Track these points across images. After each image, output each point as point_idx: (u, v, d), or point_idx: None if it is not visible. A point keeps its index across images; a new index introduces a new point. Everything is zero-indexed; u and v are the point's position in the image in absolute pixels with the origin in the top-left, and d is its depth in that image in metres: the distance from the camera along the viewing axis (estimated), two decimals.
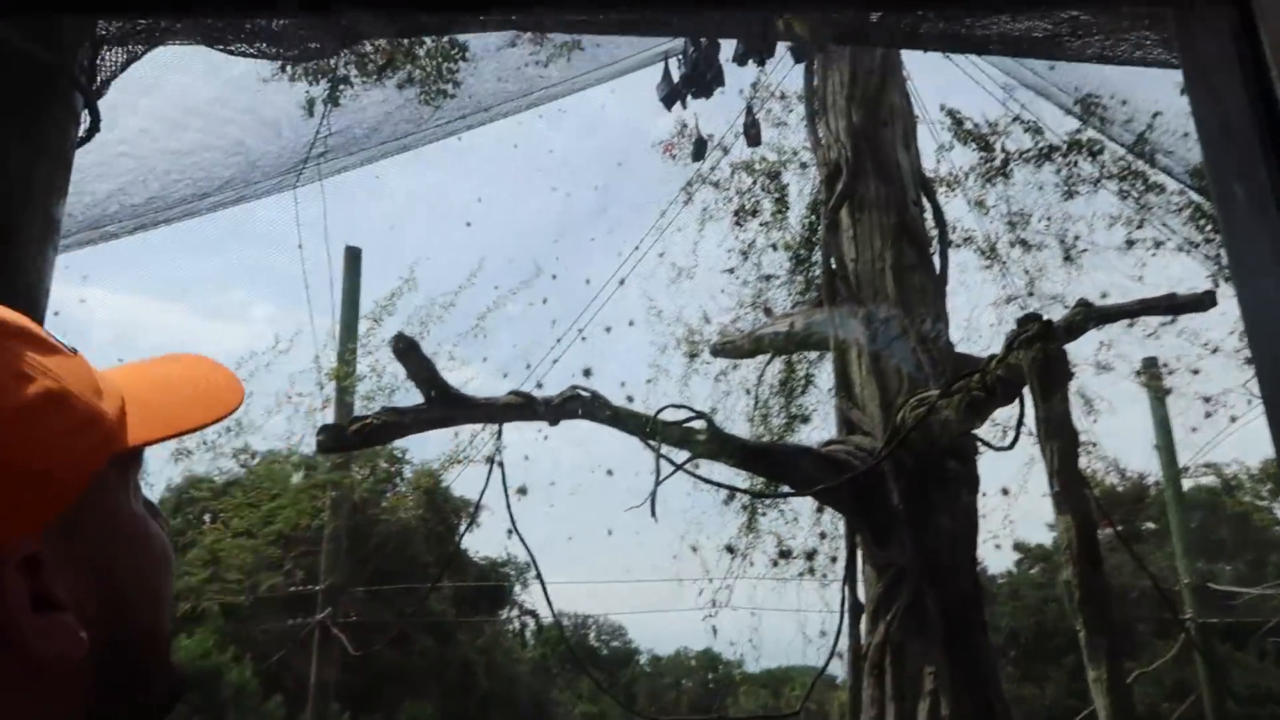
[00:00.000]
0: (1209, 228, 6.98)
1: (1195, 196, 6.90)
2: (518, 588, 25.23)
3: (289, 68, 6.60)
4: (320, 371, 11.35)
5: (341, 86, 6.55)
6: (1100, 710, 3.80)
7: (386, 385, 10.67)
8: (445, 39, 6.08)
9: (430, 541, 21.07)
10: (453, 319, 10.88)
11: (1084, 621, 3.84)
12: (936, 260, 6.27)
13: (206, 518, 16.23)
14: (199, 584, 15.73)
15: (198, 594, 15.39)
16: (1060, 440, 4.00)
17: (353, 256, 13.15)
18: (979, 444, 5.55)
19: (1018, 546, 18.63)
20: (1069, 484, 3.96)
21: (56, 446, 0.61)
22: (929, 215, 6.46)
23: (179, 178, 6.39)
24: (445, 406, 6.42)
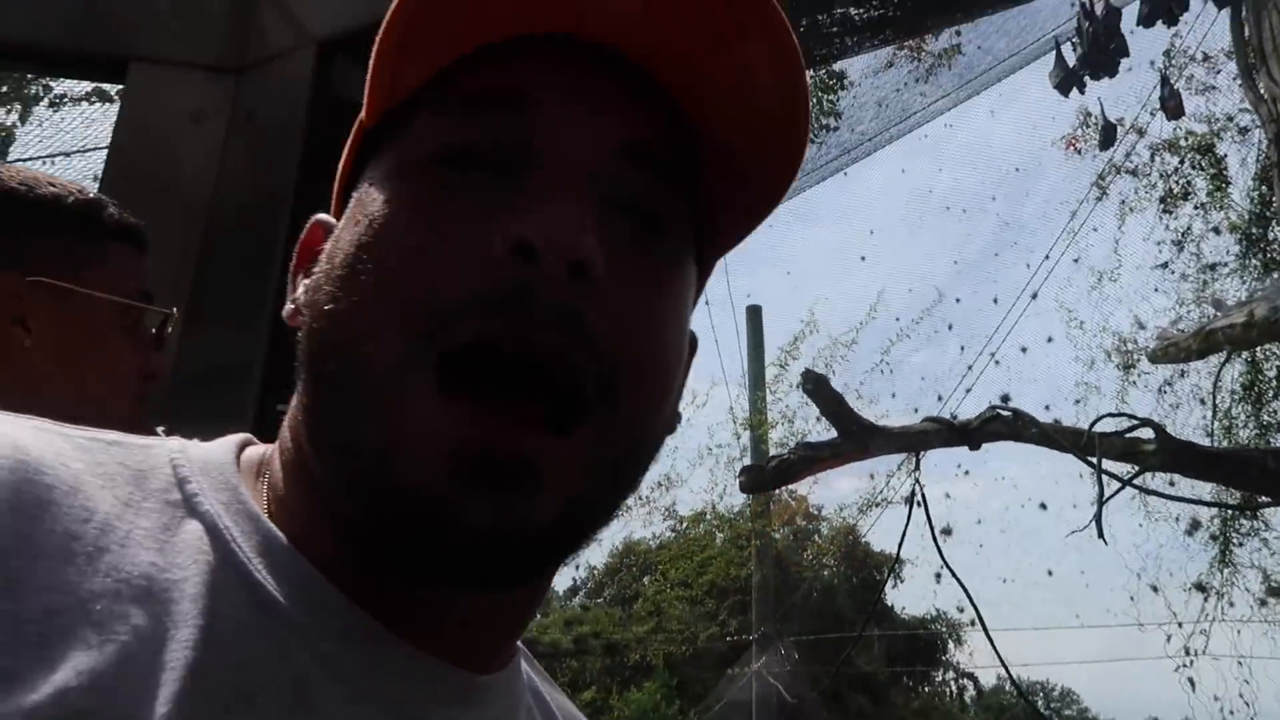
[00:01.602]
0: None
1: None
2: (950, 645, 23.91)
3: None
4: (735, 422, 11.89)
5: None
6: None
7: (798, 430, 10.89)
8: (823, 70, 6.21)
9: (854, 596, 20.81)
10: (856, 357, 10.91)
11: None
12: None
13: (645, 579, 17.58)
14: (645, 634, 16.98)
15: (644, 645, 16.61)
16: None
17: (753, 314, 13.72)
18: None
19: None
20: None
21: None
22: None
23: None
24: (859, 438, 6.38)
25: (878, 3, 3.24)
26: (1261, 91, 5.82)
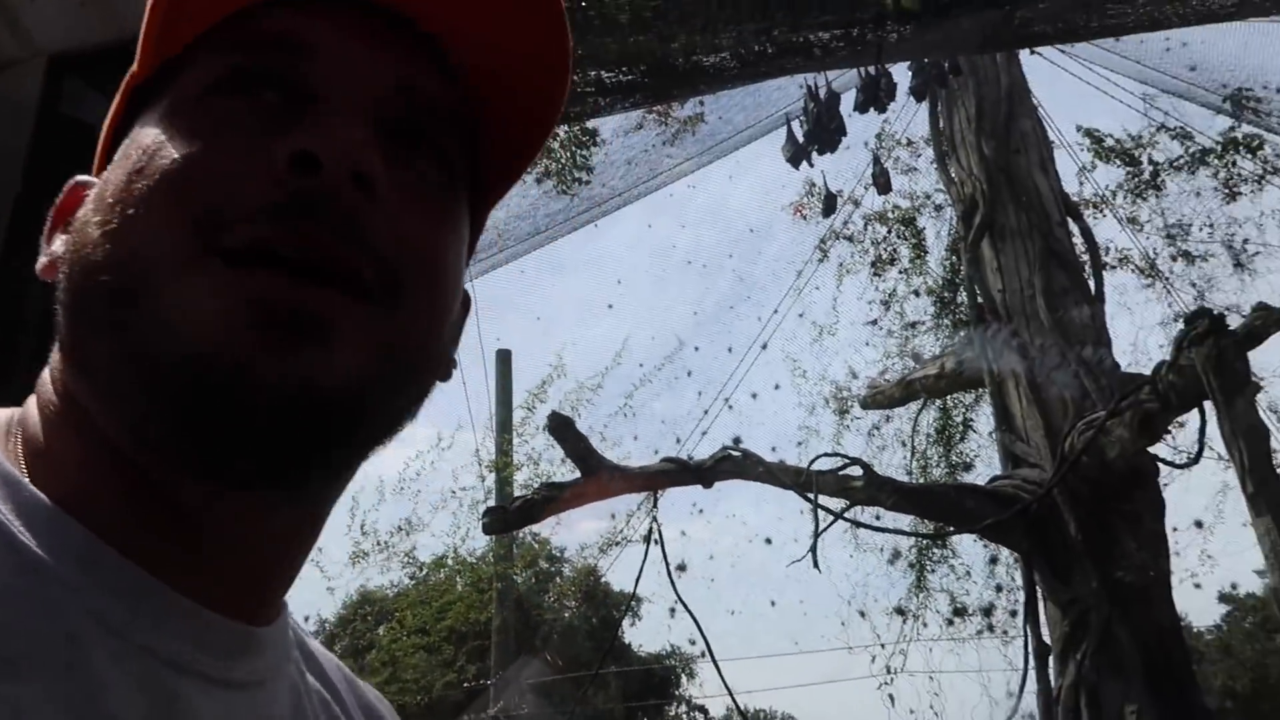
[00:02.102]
0: None
1: None
2: (683, 678, 24.68)
3: None
4: (481, 465, 11.77)
5: None
6: None
7: (543, 472, 10.97)
8: (577, 127, 6.42)
9: (593, 636, 21.08)
10: (602, 401, 11.11)
11: None
12: (1091, 284, 6.05)
13: (381, 628, 16.86)
14: (378, 685, 16.21)
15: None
16: (1248, 437, 3.75)
17: (503, 359, 13.68)
18: (1159, 463, 5.23)
19: (1224, 597, 17.05)
20: (1264, 482, 3.69)
21: None
22: (1078, 240, 6.28)
23: None
24: (600, 478, 6.52)
25: (627, 69, 3.44)
26: (952, 175, 6.70)
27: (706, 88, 4.30)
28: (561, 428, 6.43)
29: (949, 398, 7.99)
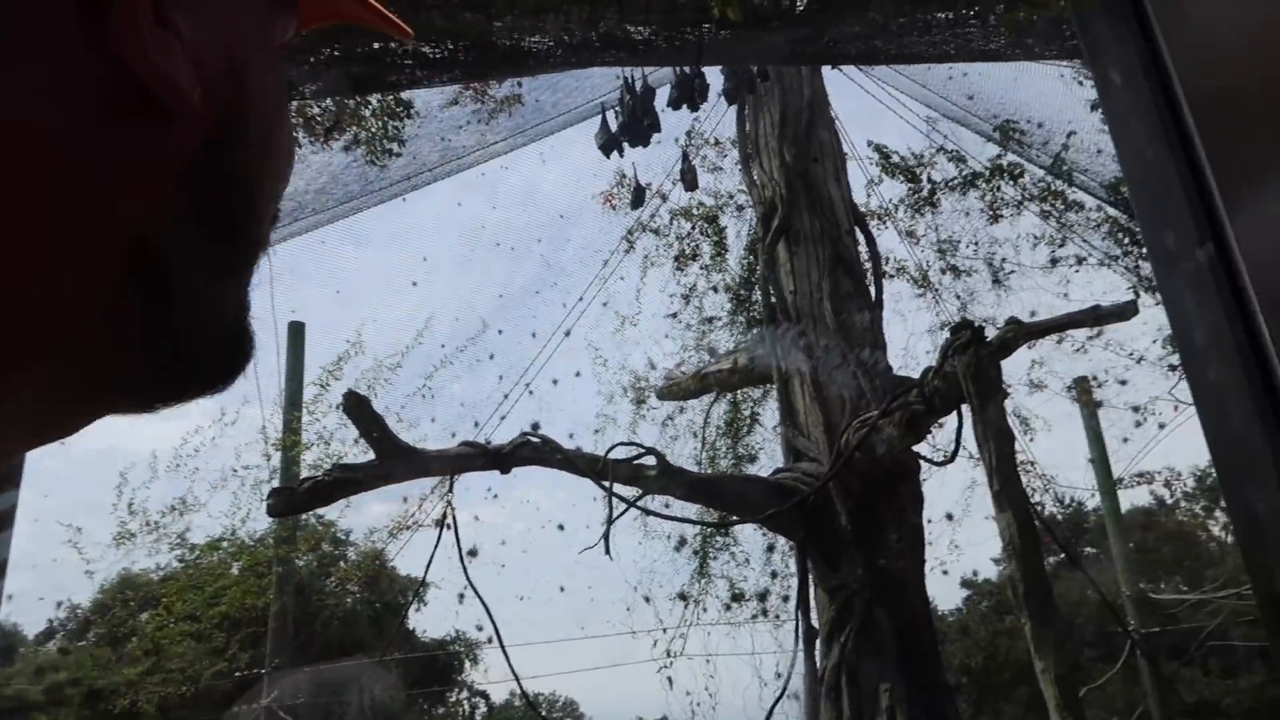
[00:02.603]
0: (1127, 240, 7.44)
1: (1112, 211, 7.35)
2: (466, 664, 24.53)
3: None
4: (267, 443, 11.19)
5: None
6: (1049, 700, 3.91)
7: (334, 452, 10.57)
8: (391, 97, 6.23)
9: (377, 622, 20.56)
10: (400, 381, 10.83)
11: (1029, 614, 3.97)
12: (872, 290, 6.51)
13: (144, 615, 15.67)
14: (138, 676, 15.09)
15: (136, 688, 14.75)
16: (997, 439, 4.19)
17: (295, 331, 13.03)
18: (922, 461, 5.72)
19: (966, 583, 18.82)
20: (1008, 481, 4.13)
21: None
22: (863, 248, 6.73)
23: None
24: (396, 461, 6.38)
25: (451, 44, 3.39)
26: (754, 178, 7.01)
27: (527, 70, 4.31)
28: (356, 407, 6.24)
29: (739, 392, 8.36)
